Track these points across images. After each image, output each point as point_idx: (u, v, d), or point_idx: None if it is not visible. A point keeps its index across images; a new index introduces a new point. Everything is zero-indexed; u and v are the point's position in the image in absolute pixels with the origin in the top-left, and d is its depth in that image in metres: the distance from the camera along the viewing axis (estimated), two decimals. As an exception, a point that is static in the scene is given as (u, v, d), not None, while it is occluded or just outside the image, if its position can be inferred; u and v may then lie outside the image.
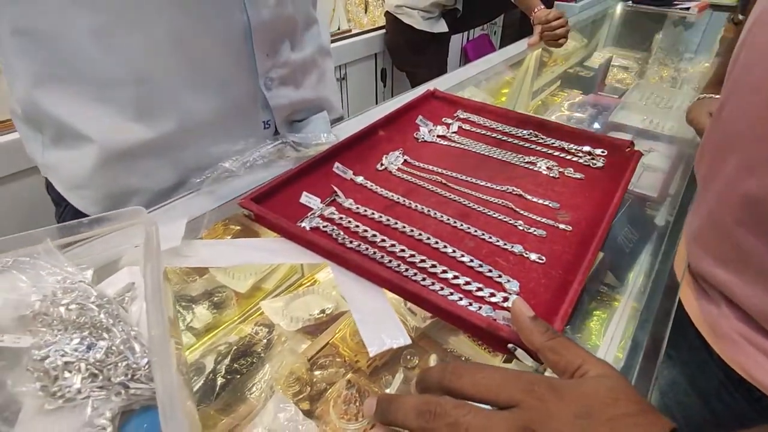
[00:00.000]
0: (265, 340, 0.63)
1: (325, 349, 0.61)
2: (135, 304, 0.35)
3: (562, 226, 0.49)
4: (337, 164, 0.57)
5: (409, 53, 1.87)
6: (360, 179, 0.56)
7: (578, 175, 0.57)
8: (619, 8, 1.92)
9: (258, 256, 0.47)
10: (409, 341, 0.37)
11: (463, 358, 0.56)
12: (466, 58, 2.42)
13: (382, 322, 0.38)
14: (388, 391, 0.55)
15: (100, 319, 0.31)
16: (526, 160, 0.61)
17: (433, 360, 0.58)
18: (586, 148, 0.61)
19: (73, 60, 0.46)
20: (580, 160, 0.60)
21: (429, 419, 0.27)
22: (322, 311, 0.66)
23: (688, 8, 1.80)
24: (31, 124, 0.54)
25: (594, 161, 0.59)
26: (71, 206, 0.55)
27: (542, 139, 0.65)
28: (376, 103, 0.80)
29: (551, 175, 0.57)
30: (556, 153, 0.62)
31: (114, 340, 0.29)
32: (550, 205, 0.52)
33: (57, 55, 0.46)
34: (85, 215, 0.43)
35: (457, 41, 2.08)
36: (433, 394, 0.29)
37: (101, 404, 0.27)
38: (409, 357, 0.59)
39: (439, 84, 0.87)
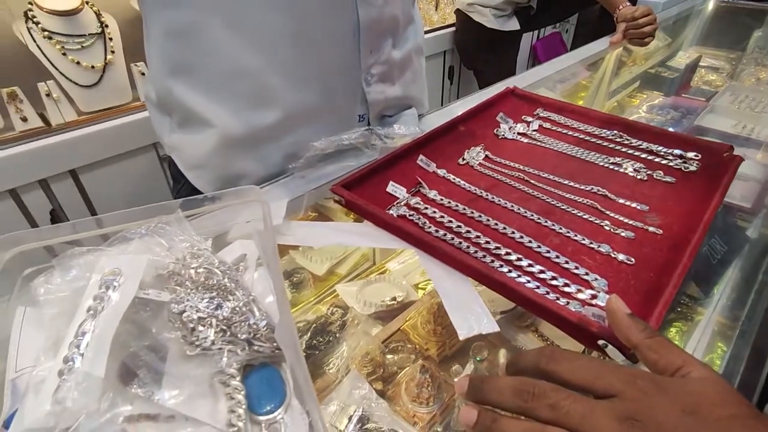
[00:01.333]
0: (339, 321, 0.66)
1: (396, 335, 0.64)
2: (247, 274, 0.39)
3: (651, 229, 0.48)
4: (421, 156, 0.59)
5: (479, 51, 1.85)
6: (442, 172, 0.58)
7: (669, 179, 0.55)
8: (711, 4, 1.79)
9: (348, 239, 0.50)
10: (497, 329, 0.38)
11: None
12: (535, 57, 2.36)
13: (470, 309, 0.40)
14: (457, 380, 0.56)
15: (225, 283, 0.34)
16: (610, 161, 0.59)
17: (502, 355, 0.58)
18: (677, 151, 0.59)
19: (205, 53, 0.52)
20: (671, 164, 0.57)
21: (527, 399, 0.27)
22: (394, 299, 0.68)
23: (793, 5, 1.64)
24: (162, 109, 0.60)
25: (686, 165, 0.56)
26: (188, 184, 0.62)
27: (628, 140, 0.63)
28: (442, 101, 0.82)
29: (639, 177, 0.56)
30: (644, 155, 0.60)
31: (237, 302, 0.33)
32: (639, 207, 0.51)
33: (193, 48, 0.52)
34: (199, 193, 0.48)
35: (526, 39, 2.03)
36: (527, 377, 0.30)
37: (231, 356, 0.30)
38: (478, 350, 0.60)
39: (511, 84, 0.86)
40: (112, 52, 1.18)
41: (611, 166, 0.59)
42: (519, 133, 0.67)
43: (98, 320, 0.31)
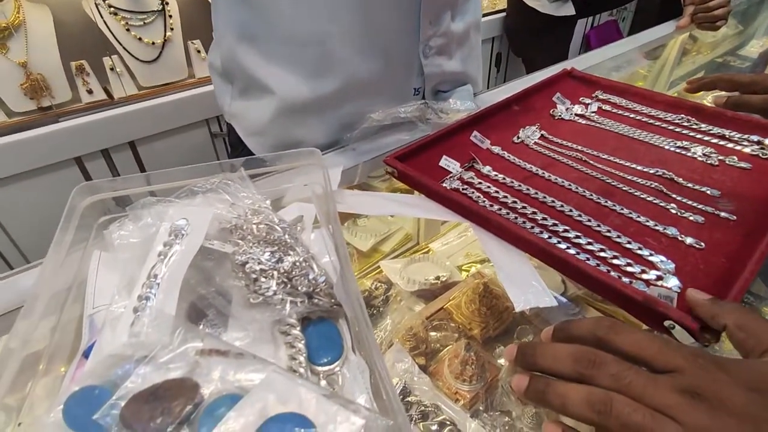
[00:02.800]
0: (383, 296, 0.66)
1: (439, 313, 0.63)
2: (304, 235, 0.40)
3: (723, 214, 0.45)
4: (475, 132, 0.58)
5: (530, 37, 1.80)
6: (497, 149, 0.57)
7: (744, 164, 0.51)
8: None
9: (399, 209, 0.50)
10: (555, 303, 0.37)
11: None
12: (587, 46, 2.26)
13: (527, 282, 0.39)
14: (501, 362, 0.55)
15: (285, 239, 0.35)
16: (677, 145, 0.56)
17: (547, 340, 0.57)
18: (754, 137, 0.55)
19: (271, 20, 0.54)
20: (746, 149, 0.54)
21: (587, 367, 0.27)
22: (437, 278, 0.68)
23: None
24: (225, 77, 0.63)
25: (765, 151, 0.53)
26: (246, 151, 0.64)
27: (696, 124, 0.60)
28: (488, 88, 0.80)
29: (709, 162, 0.53)
30: (714, 140, 0.56)
31: (297, 258, 0.34)
32: (709, 192, 0.48)
33: (260, 15, 0.53)
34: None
35: (580, 26, 1.95)
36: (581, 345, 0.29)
37: (292, 307, 0.31)
38: (523, 333, 0.59)
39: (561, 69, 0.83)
40: (171, 29, 1.23)
41: (678, 150, 0.56)
42: (576, 114, 0.65)
43: (168, 264, 0.32)
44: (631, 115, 0.64)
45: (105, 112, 1.12)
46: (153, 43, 1.20)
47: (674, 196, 0.48)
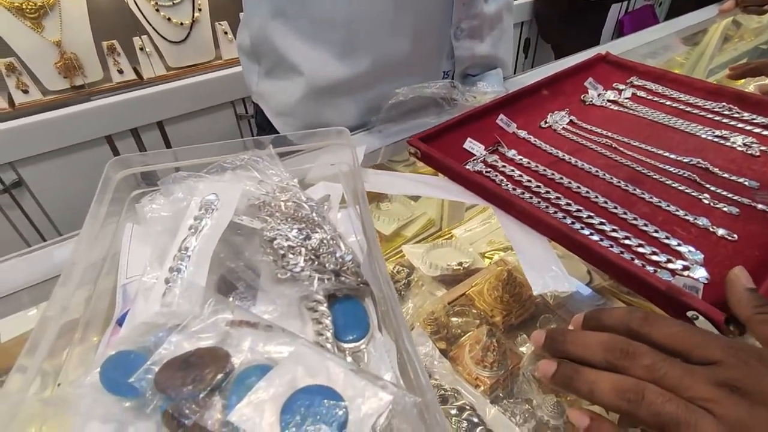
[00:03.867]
0: (405, 280, 0.67)
1: (461, 299, 0.63)
2: (330, 214, 0.40)
3: (761, 206, 0.43)
4: (501, 116, 0.57)
5: (560, 23, 1.74)
6: (523, 133, 0.56)
7: (786, 156, 0.49)
8: None
9: (423, 190, 0.50)
10: (573, 288, 0.37)
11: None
12: (620, 33, 2.18)
13: (546, 267, 0.38)
14: (523, 350, 0.55)
15: (312, 216, 0.36)
16: (715, 134, 0.54)
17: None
18: (800, 128, 0.52)
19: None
20: (790, 140, 0.52)
21: (620, 357, 0.26)
22: (460, 264, 0.68)
23: None
24: (252, 57, 0.63)
25: (809, 142, 0.50)
26: (274, 131, 0.65)
27: (738, 113, 0.57)
28: (515, 74, 0.78)
29: (750, 152, 0.51)
30: (757, 129, 0.54)
31: (325, 235, 0.34)
32: (747, 183, 0.46)
33: None
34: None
35: (614, 11, 1.88)
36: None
37: (318, 283, 0.31)
38: (546, 322, 0.58)
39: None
40: (199, 10, 1.24)
41: (715, 139, 0.54)
42: (609, 101, 0.63)
43: (199, 238, 0.33)
44: (668, 102, 0.62)
45: (135, 91, 1.14)
46: (181, 24, 1.22)
47: (708, 186, 0.46)
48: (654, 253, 0.39)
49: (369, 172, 0.51)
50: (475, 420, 0.46)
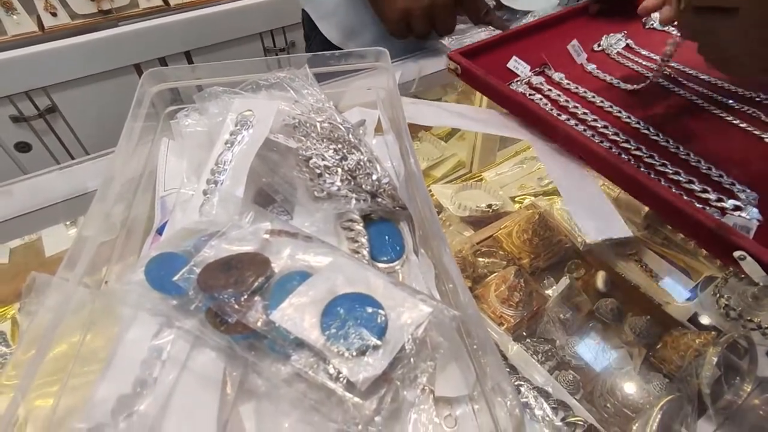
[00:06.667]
0: (432, 220, 0.66)
1: (488, 241, 0.63)
2: (365, 139, 0.39)
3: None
4: (574, 42, 0.51)
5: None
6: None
7: None
8: None
9: (460, 122, 0.48)
10: (630, 234, 0.35)
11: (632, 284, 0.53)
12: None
13: (598, 211, 0.37)
14: (549, 293, 0.54)
15: (349, 138, 0.34)
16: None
17: (600, 278, 0.56)
18: None
19: None
20: None
21: None
22: (489, 206, 0.66)
23: None
24: None
25: None
26: (318, 38, 0.65)
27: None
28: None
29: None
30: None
31: (362, 157, 0.33)
32: (817, 121, 0.43)
33: None
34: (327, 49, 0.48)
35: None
36: None
37: (355, 203, 0.31)
38: (575, 267, 0.57)
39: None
40: (227, -71, 1.17)
41: (785, 73, 0.49)
42: (674, 26, 0.57)
43: (235, 152, 0.33)
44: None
45: (162, 18, 1.11)
46: (208, -55, 1.15)
47: (773, 123, 0.43)
48: (705, 191, 0.37)
49: (405, 100, 0.49)
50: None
